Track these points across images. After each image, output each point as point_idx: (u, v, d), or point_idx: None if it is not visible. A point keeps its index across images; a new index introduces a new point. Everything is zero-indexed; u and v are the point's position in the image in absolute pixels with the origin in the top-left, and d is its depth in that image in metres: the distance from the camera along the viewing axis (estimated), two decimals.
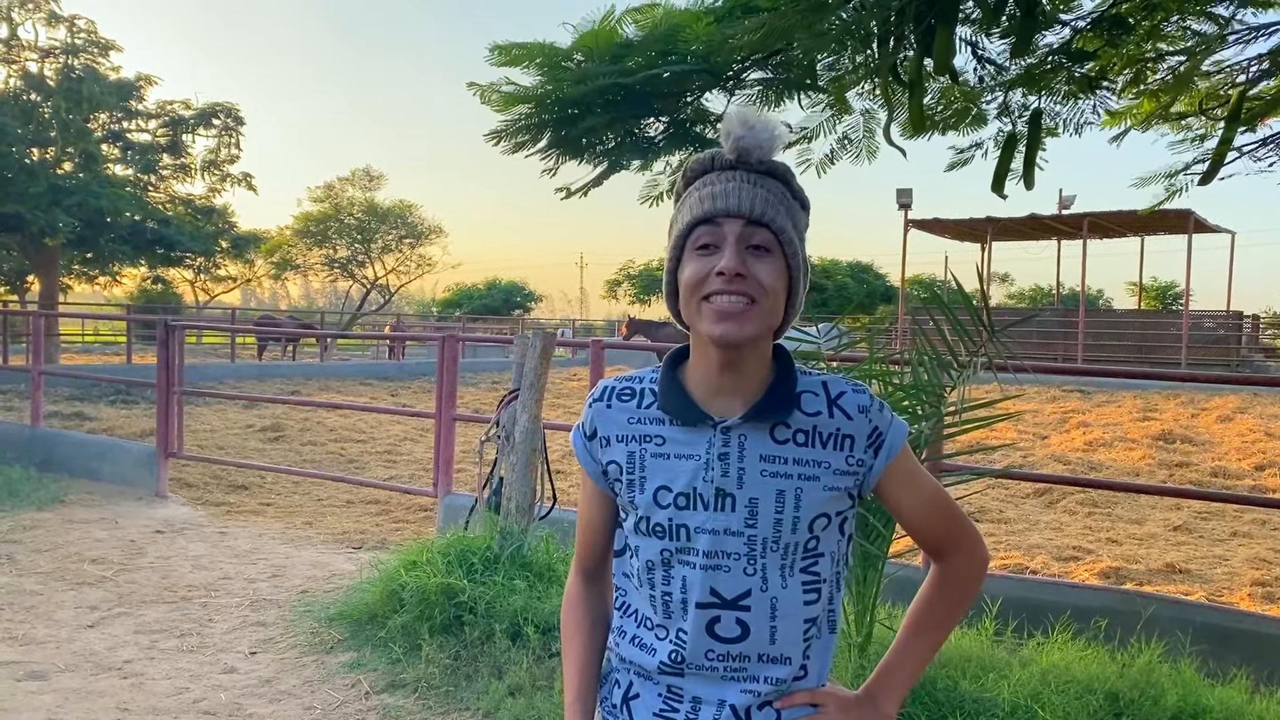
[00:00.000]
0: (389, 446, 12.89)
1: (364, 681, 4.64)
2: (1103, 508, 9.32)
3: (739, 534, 1.45)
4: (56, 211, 18.45)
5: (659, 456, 1.50)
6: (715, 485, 1.46)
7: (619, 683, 1.58)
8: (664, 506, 1.48)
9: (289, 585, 6.27)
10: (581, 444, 1.61)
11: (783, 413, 1.47)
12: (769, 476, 1.45)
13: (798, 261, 1.46)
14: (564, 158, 3.64)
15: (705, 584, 1.46)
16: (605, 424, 1.57)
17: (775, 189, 1.46)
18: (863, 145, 4.07)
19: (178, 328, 9.43)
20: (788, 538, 1.45)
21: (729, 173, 1.46)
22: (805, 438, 1.47)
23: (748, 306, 1.41)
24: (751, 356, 1.47)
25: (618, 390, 1.58)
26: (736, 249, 1.41)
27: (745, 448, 1.46)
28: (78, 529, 7.56)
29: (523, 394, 5.93)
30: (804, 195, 1.52)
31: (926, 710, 3.86)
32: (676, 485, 1.48)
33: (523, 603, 4.84)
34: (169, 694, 4.52)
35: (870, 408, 1.50)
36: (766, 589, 1.45)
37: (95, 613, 5.63)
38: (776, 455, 1.46)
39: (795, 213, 1.48)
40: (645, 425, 1.53)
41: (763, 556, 1.45)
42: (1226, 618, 4.86)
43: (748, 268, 1.41)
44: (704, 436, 1.47)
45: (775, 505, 1.45)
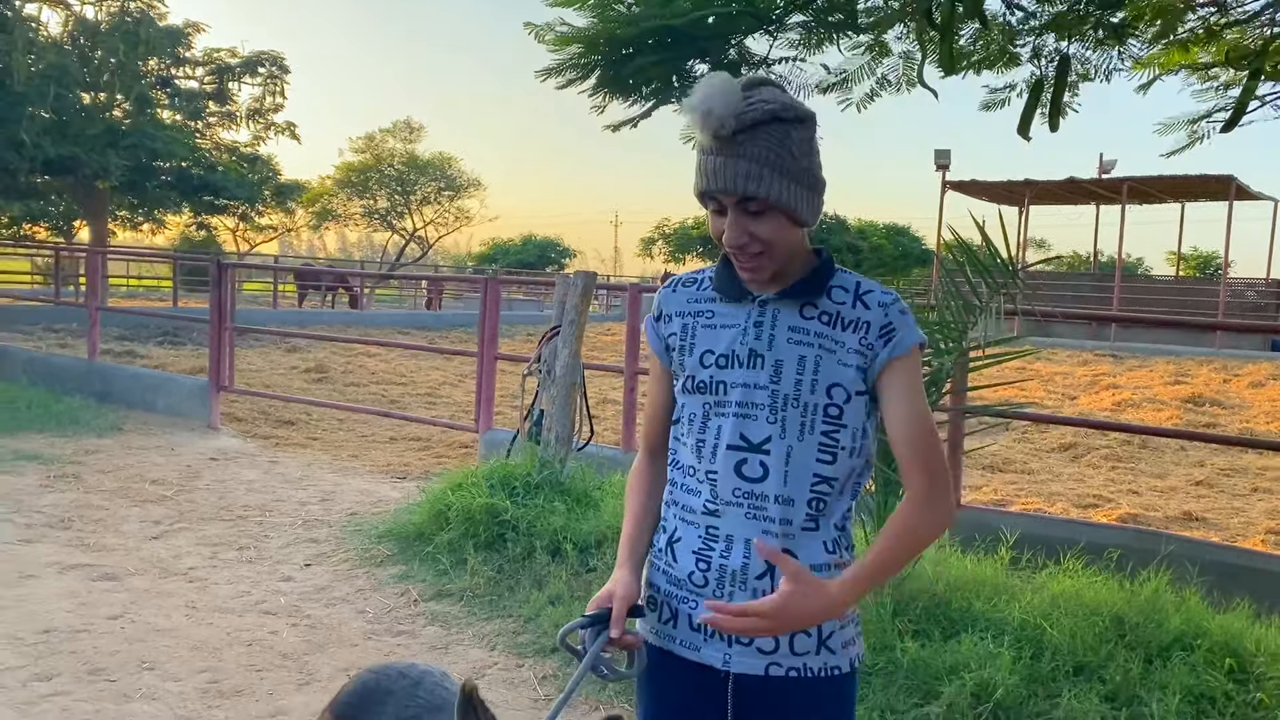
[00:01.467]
0: (429, 390, 13.23)
1: (413, 591, 4.96)
2: (1126, 462, 9.47)
3: (765, 388, 1.70)
4: (111, 154, 18.85)
5: (708, 327, 1.78)
6: (749, 347, 1.72)
7: (665, 529, 1.83)
8: (707, 366, 1.76)
9: (338, 508, 6.60)
10: (651, 327, 1.88)
11: (812, 294, 1.72)
12: (794, 344, 1.71)
13: (794, 204, 1.63)
14: (612, 96, 3.85)
15: (735, 430, 1.72)
16: (669, 304, 1.86)
17: (761, 146, 1.60)
18: (902, 83, 4.24)
19: (230, 267, 9.77)
20: (806, 397, 1.70)
21: (716, 144, 1.61)
22: (829, 319, 1.72)
23: (760, 260, 1.68)
24: (785, 265, 1.73)
25: (683, 280, 1.88)
26: (736, 220, 1.65)
27: (777, 319, 1.73)
28: (136, 454, 7.94)
29: (564, 330, 6.18)
30: (800, 110, 1.65)
31: (940, 627, 4.10)
32: (718, 348, 1.75)
33: (562, 523, 5.12)
34: (232, 596, 4.86)
35: (890, 305, 1.72)
36: (784, 437, 1.70)
37: (159, 526, 5.99)
38: (802, 328, 1.72)
39: (788, 152, 1.62)
40: (700, 304, 1.82)
41: (783, 410, 1.70)
42: (1236, 556, 5.05)
43: (750, 231, 1.65)
44: (745, 309, 1.75)
45: (797, 368, 1.70)
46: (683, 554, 1.78)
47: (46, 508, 6.20)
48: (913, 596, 4.26)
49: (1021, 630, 4.00)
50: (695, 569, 1.75)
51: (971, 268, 4.29)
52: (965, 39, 4.06)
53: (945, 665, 3.75)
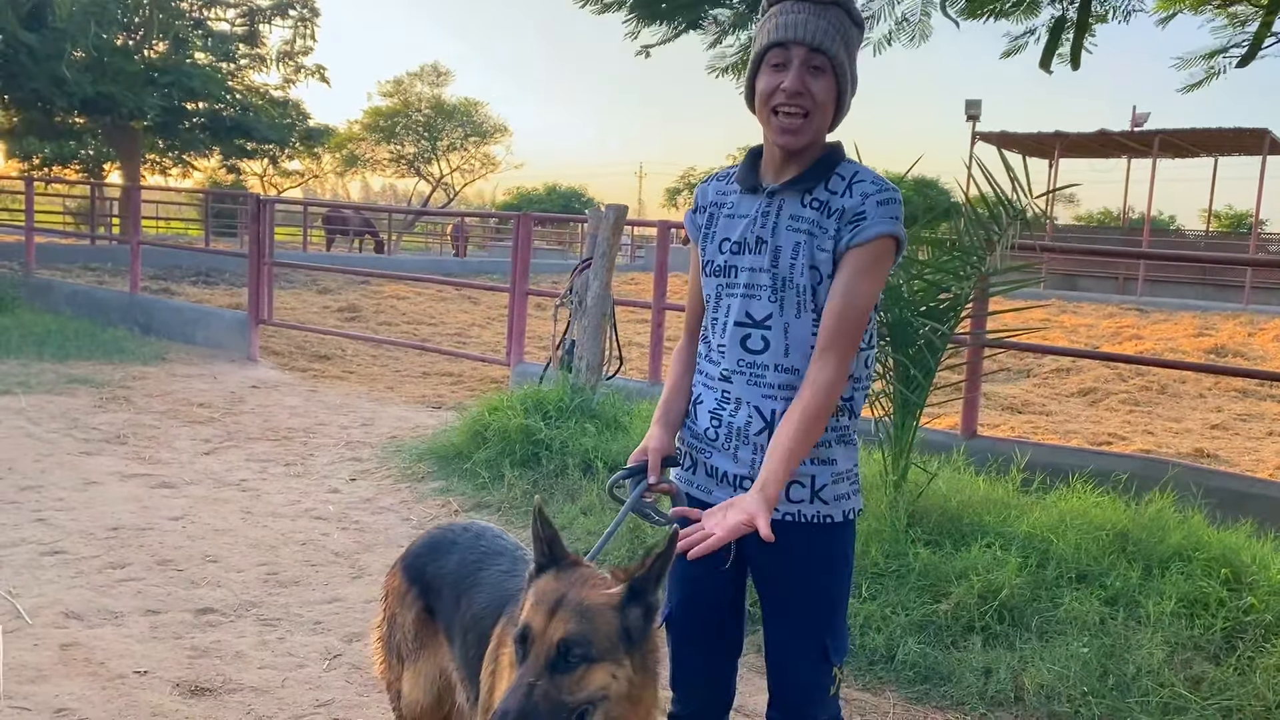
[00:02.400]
0: (458, 330, 13.50)
1: (453, 502, 5.24)
2: (1144, 406, 9.63)
3: (766, 271, 1.95)
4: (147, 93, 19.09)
5: (728, 216, 2.04)
6: (756, 234, 1.97)
7: (693, 392, 2.08)
8: (723, 253, 2.01)
9: (379, 432, 6.89)
10: (690, 219, 2.14)
11: (813, 182, 1.94)
12: (791, 230, 1.94)
13: (846, 80, 1.93)
14: (644, 22, 4.02)
15: (742, 308, 1.97)
16: (703, 196, 2.12)
17: (835, 18, 1.90)
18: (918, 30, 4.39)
19: (269, 202, 10.02)
20: (798, 279, 1.93)
21: (800, 4, 1.91)
22: (820, 206, 1.93)
23: (803, 121, 1.90)
24: (806, 151, 1.96)
25: (717, 175, 2.15)
26: (800, 71, 1.88)
27: (781, 208, 1.96)
28: (181, 381, 8.26)
29: (595, 263, 6.40)
30: (859, 16, 1.97)
31: (952, 538, 4.34)
32: (733, 236, 2.01)
33: (593, 443, 5.38)
34: (284, 504, 5.16)
35: (871, 195, 1.90)
36: (783, 315, 1.94)
37: (209, 444, 6.30)
38: (800, 216, 1.94)
39: (850, 36, 1.93)
40: (724, 195, 2.07)
41: (781, 291, 1.94)
42: (1241, 483, 5.25)
43: (807, 85, 1.88)
44: (757, 200, 1.99)
45: (791, 252, 1.93)
46: (702, 413, 2.04)
47: (102, 425, 6.52)
48: (926, 511, 4.49)
49: (1029, 542, 4.22)
50: (710, 425, 2.01)
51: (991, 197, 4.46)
52: None
53: (955, 570, 3.99)
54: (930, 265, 4.53)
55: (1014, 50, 4.92)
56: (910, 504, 4.48)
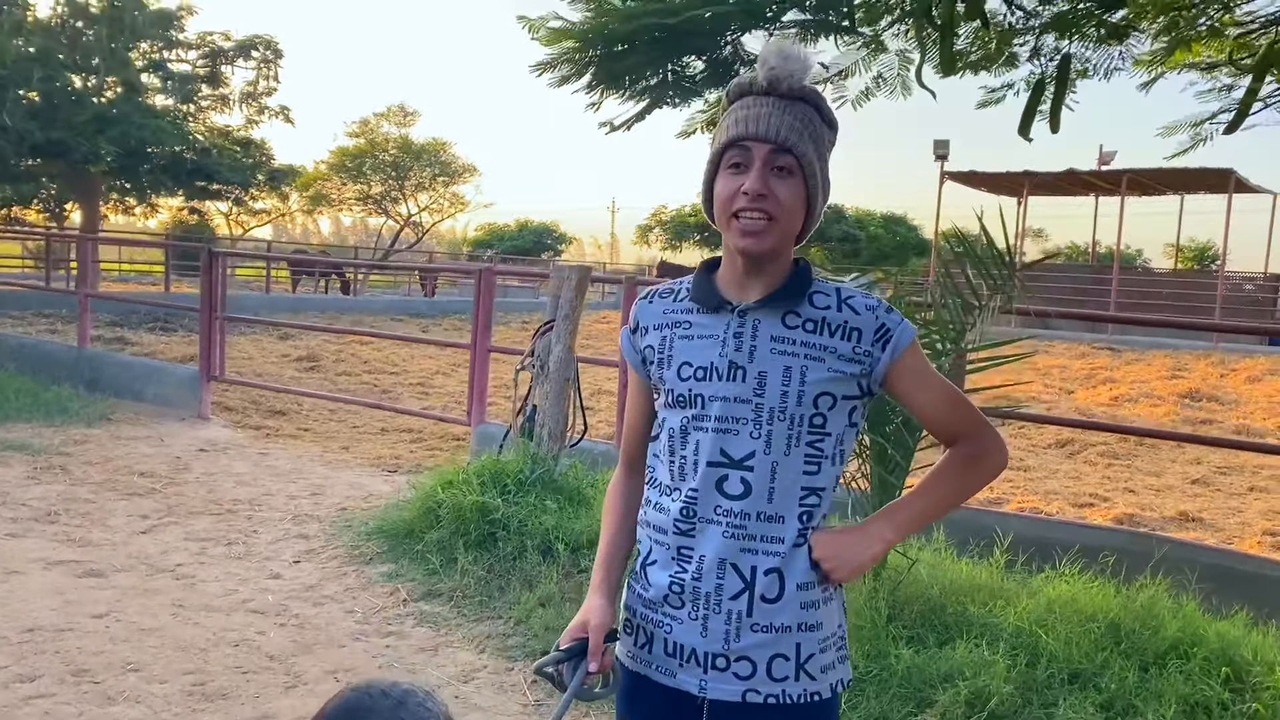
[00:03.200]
0: (421, 379, 13.16)
1: (402, 590, 4.90)
2: (1123, 459, 9.45)
3: (748, 401, 1.65)
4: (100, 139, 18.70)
5: (685, 338, 1.73)
6: (729, 359, 1.67)
7: (640, 552, 1.79)
8: (685, 379, 1.71)
9: (328, 503, 6.55)
10: (627, 339, 1.84)
11: (794, 301, 1.68)
12: (777, 354, 1.66)
13: (816, 183, 1.67)
14: (606, 93, 3.78)
15: (716, 445, 1.66)
16: (646, 316, 1.81)
17: (803, 114, 1.65)
18: (897, 83, 4.18)
19: (221, 255, 9.69)
20: (793, 409, 1.65)
21: (762, 98, 1.66)
22: (814, 326, 1.67)
23: (768, 224, 1.63)
24: (772, 263, 1.69)
25: (660, 291, 1.83)
26: (762, 171, 1.63)
27: (758, 329, 1.68)
28: (125, 444, 7.88)
29: (557, 325, 6.12)
30: (832, 116, 1.71)
31: (935, 632, 4.06)
32: (697, 361, 1.70)
33: (554, 522, 5.07)
34: (220, 594, 4.80)
35: (878, 307, 1.69)
36: (770, 452, 1.65)
37: (147, 520, 5.93)
38: (786, 337, 1.67)
39: (820, 135, 1.67)
40: (677, 315, 1.77)
41: (769, 424, 1.65)
42: (1232, 559, 5.01)
43: (770, 188, 1.62)
44: (724, 320, 1.70)
45: (782, 379, 1.65)
46: (656, 575, 1.73)
47: (33, 500, 6.14)
48: (908, 601, 4.22)
49: (1017, 637, 3.96)
50: (669, 590, 1.70)
51: (971, 265, 4.23)
52: (963, 39, 4.00)
53: (939, 672, 3.71)
54: None
55: (991, 102, 4.72)
56: (890, 594, 4.20)
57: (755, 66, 1.68)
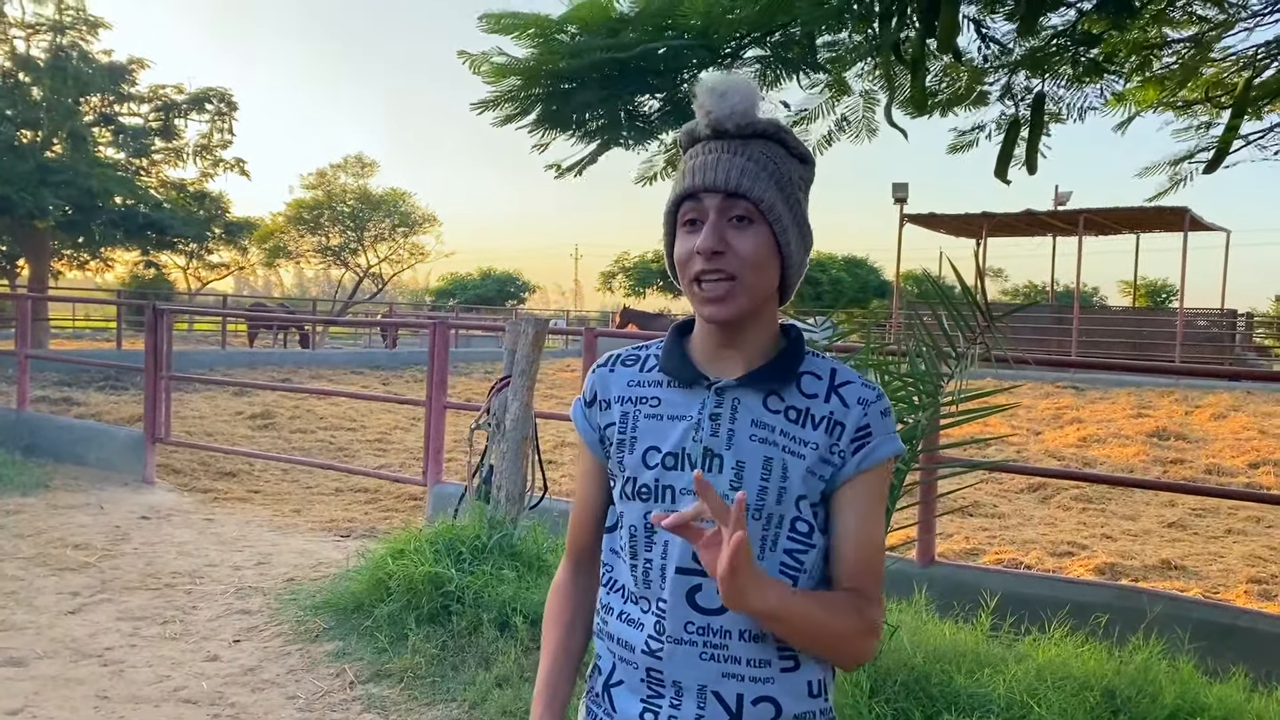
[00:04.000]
0: (379, 435, 12.80)
1: (349, 671, 4.56)
2: (1097, 503, 9.27)
3: (725, 496, 1.37)
4: (44, 192, 18.25)
5: (652, 417, 1.47)
6: (704, 445, 1.41)
7: (600, 669, 1.51)
8: (651, 467, 1.44)
9: (275, 573, 6.18)
10: (581, 413, 1.57)
11: (780, 383, 1.43)
12: (758, 441, 1.40)
13: (784, 226, 1.41)
14: (554, 133, 3.55)
15: (686, 548, 1.39)
16: (606, 388, 1.54)
17: (762, 152, 1.40)
18: (862, 126, 3.99)
19: (166, 312, 9.33)
20: (771, 507, 1.39)
21: (711, 143, 1.42)
22: (797, 415, 1.42)
23: (731, 285, 1.38)
24: (751, 327, 1.44)
25: (623, 357, 1.57)
26: (716, 224, 1.38)
27: (737, 410, 1.42)
28: (62, 514, 7.46)
29: (514, 381, 5.84)
30: (800, 149, 1.45)
31: (921, 706, 3.79)
32: (665, 445, 1.43)
33: (511, 593, 4.76)
34: (150, 682, 4.43)
35: (872, 404, 1.43)
36: None
37: (77, 599, 5.54)
38: (766, 423, 1.41)
39: (786, 173, 1.42)
40: (644, 387, 1.50)
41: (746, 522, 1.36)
42: (1224, 614, 4.80)
43: (728, 242, 1.38)
44: (698, 398, 1.44)
45: (762, 471, 1.39)
46: (624, 702, 1.45)
47: None
48: (890, 671, 3.94)
49: (1008, 710, 3.70)
50: None
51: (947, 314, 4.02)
52: (932, 76, 3.82)
53: None
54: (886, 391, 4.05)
55: (962, 146, 4.55)
56: (871, 665, 3.93)
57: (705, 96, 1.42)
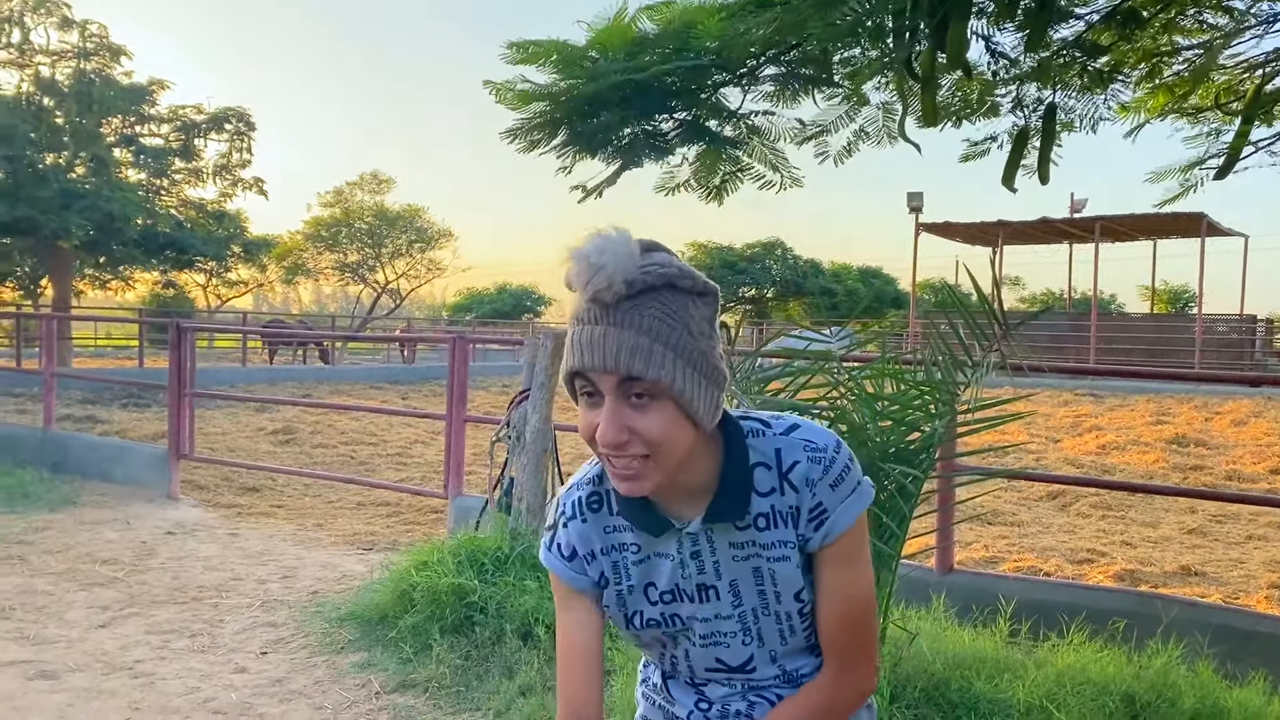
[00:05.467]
0: (400, 449, 12.89)
1: (374, 681, 4.63)
2: (1116, 511, 9.25)
3: (729, 616, 1.48)
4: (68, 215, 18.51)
5: (640, 562, 1.50)
6: (695, 582, 1.48)
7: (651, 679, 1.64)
8: (654, 603, 1.51)
9: (300, 586, 6.26)
10: (561, 565, 1.54)
11: (738, 511, 1.43)
12: (741, 560, 1.46)
13: (688, 396, 1.32)
14: (579, 155, 3.63)
15: (709, 656, 1.51)
16: (584, 541, 1.52)
17: (651, 314, 1.31)
18: (882, 134, 4.05)
19: (189, 330, 9.46)
20: (775, 607, 1.48)
21: (596, 311, 1.32)
22: (765, 520, 1.44)
23: (642, 464, 1.34)
24: (682, 473, 1.40)
25: (586, 501, 1.52)
26: (615, 412, 1.32)
27: (714, 543, 1.46)
28: (89, 530, 7.57)
29: (533, 394, 5.92)
30: (699, 284, 1.36)
31: (941, 711, 3.83)
32: (661, 584, 1.50)
33: (534, 603, 4.81)
34: (179, 693, 4.51)
35: (819, 480, 1.42)
36: (764, 647, 1.50)
37: (106, 613, 5.63)
38: (743, 541, 1.46)
39: (681, 327, 1.33)
40: (618, 533, 1.51)
41: (756, 624, 1.49)
42: (1244, 620, 4.81)
43: (631, 427, 1.32)
44: (673, 539, 1.47)
45: (756, 582, 1.47)
46: (680, 693, 1.58)
47: None
48: (910, 678, 3.98)
49: (1028, 715, 3.73)
50: (695, 709, 1.56)
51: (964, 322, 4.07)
52: (945, 90, 3.88)
53: None
54: (898, 401, 4.09)
55: (974, 155, 4.60)
56: (891, 671, 3.97)
57: (577, 267, 1.34)
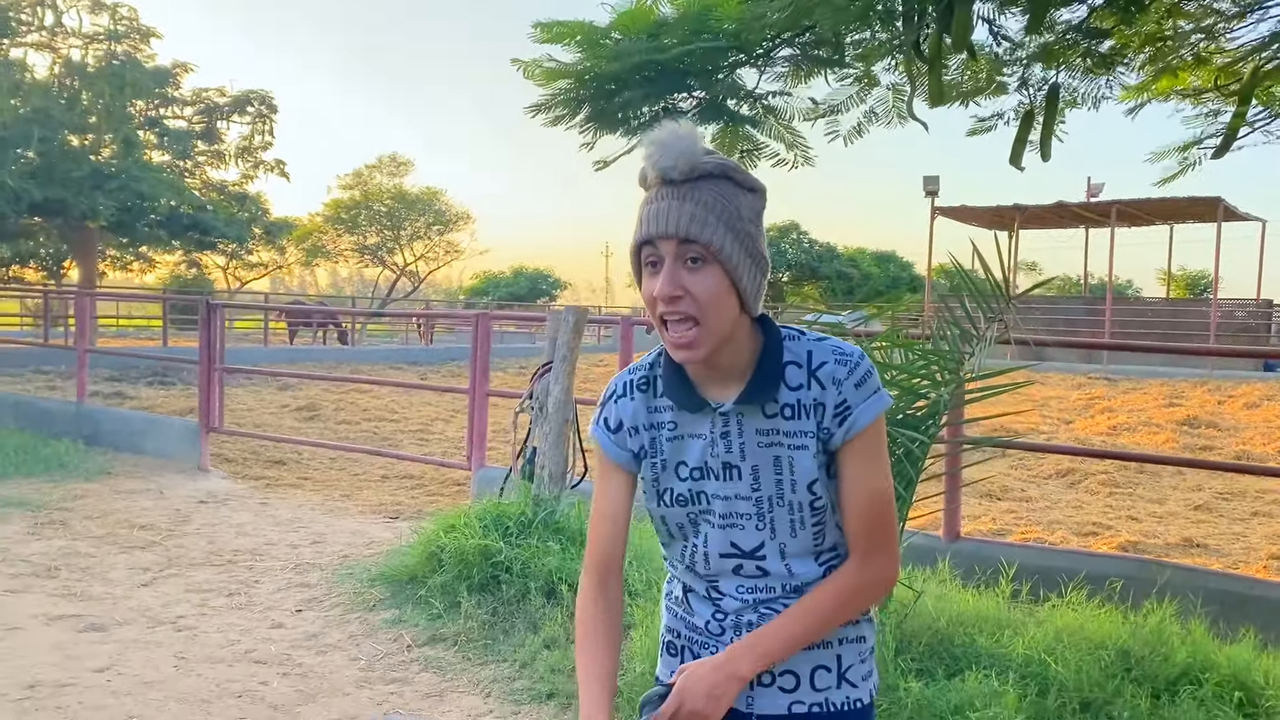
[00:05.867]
0: (421, 426, 13.15)
1: (406, 636, 4.87)
2: (1124, 488, 9.42)
3: (747, 498, 1.66)
4: (98, 195, 18.84)
5: (674, 439, 1.70)
6: (722, 460, 1.66)
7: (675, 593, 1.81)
8: (683, 479, 1.70)
9: (330, 551, 6.51)
10: (606, 436, 1.75)
11: (768, 394, 1.63)
12: (765, 447, 1.65)
13: (735, 263, 1.55)
14: (601, 131, 3.83)
15: (725, 539, 1.68)
16: (629, 416, 1.73)
17: (710, 193, 1.54)
18: (892, 114, 4.23)
19: (219, 307, 9.72)
20: (789, 496, 1.65)
21: (662, 189, 1.56)
22: (791, 411, 1.64)
23: (694, 329, 1.54)
24: (727, 352, 1.61)
25: (635, 383, 1.74)
26: (672, 270, 1.54)
27: (743, 425, 1.65)
28: (125, 498, 7.85)
29: (556, 367, 6.13)
30: (749, 180, 1.60)
31: (943, 664, 4.03)
32: (691, 460, 1.69)
33: (557, 563, 5.04)
34: (222, 645, 4.76)
35: (845, 380, 1.62)
36: (776, 538, 1.67)
37: (147, 573, 5.89)
38: (769, 429, 1.65)
39: (734, 209, 1.56)
40: (660, 413, 1.72)
41: (770, 512, 1.66)
42: (1239, 584, 4.99)
43: (685, 285, 1.54)
44: (707, 418, 1.67)
45: (775, 470, 1.65)
46: (698, 604, 1.76)
47: (33, 556, 6.10)
48: (915, 634, 4.19)
49: (1026, 667, 3.93)
50: (712, 619, 1.73)
51: (968, 295, 4.26)
52: (953, 70, 4.06)
53: (950, 705, 3.68)
54: (905, 370, 4.29)
55: (980, 130, 4.77)
56: (897, 627, 4.18)
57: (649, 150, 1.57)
